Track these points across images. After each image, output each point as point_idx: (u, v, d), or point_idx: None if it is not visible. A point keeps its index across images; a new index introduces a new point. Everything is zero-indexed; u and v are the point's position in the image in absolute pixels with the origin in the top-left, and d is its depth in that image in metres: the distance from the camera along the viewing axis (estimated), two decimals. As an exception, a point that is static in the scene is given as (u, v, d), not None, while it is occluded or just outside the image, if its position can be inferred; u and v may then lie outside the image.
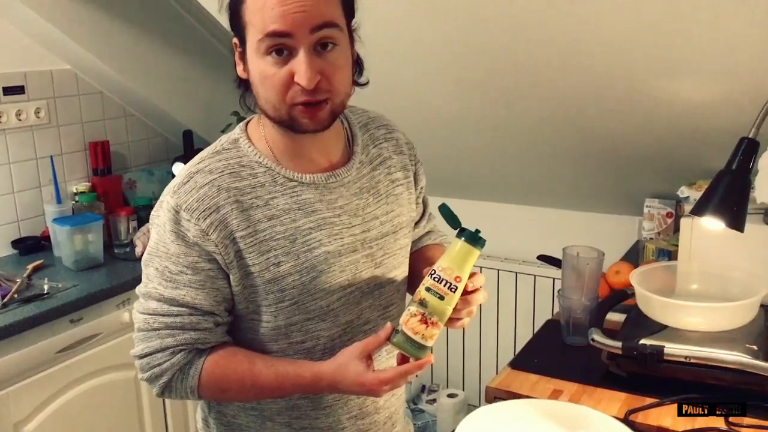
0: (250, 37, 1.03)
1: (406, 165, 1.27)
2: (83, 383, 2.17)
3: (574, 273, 1.60)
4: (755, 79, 1.60)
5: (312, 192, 1.13)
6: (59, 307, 2.06)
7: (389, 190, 1.22)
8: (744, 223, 1.28)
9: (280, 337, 1.15)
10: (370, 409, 1.25)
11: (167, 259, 1.09)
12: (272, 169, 1.12)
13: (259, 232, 1.09)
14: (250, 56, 1.05)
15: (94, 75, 2.68)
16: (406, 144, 1.29)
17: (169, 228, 1.08)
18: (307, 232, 1.11)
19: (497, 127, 2.31)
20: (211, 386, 1.12)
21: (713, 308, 1.40)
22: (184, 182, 1.09)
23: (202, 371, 1.11)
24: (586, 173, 2.42)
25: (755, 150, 1.28)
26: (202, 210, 1.06)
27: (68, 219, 2.43)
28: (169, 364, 1.10)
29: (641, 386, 1.38)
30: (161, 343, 1.10)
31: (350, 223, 1.15)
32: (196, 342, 1.11)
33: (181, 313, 1.09)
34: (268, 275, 1.09)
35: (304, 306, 1.12)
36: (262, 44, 1.01)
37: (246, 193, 1.09)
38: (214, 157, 1.12)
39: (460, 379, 3.05)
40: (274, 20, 0.99)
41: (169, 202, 1.09)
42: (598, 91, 1.95)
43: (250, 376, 1.11)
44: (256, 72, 1.04)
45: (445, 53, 2.00)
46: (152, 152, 3.03)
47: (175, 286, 1.09)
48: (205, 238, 1.06)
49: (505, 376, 1.48)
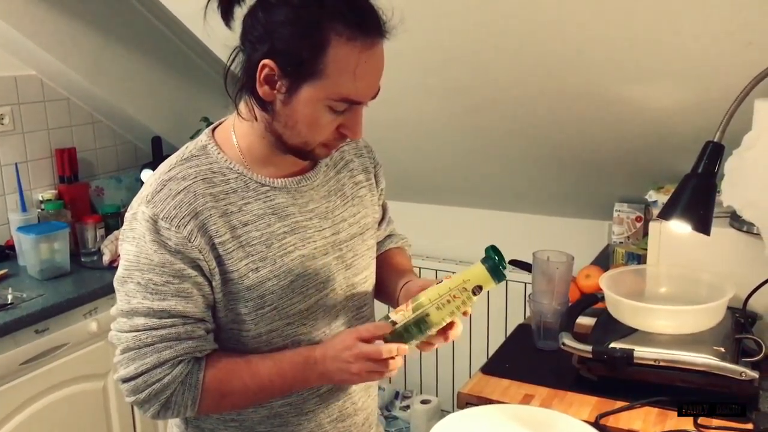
0: (316, 86, 1.00)
1: (367, 167, 1.29)
2: (49, 395, 2.12)
3: (545, 277, 1.60)
4: (721, 85, 1.62)
5: (284, 196, 1.13)
6: (23, 317, 2.02)
7: (354, 192, 1.24)
8: (710, 227, 1.30)
9: (262, 345, 1.14)
10: (349, 411, 1.25)
11: (150, 271, 1.05)
12: (244, 174, 1.11)
13: (236, 238, 1.08)
14: (304, 98, 1.02)
15: (59, 81, 2.63)
16: (365, 147, 1.32)
17: (150, 238, 1.04)
18: (282, 236, 1.11)
19: (467, 133, 2.32)
20: (213, 393, 1.09)
21: (681, 311, 1.41)
22: (158, 190, 1.07)
23: (204, 379, 1.08)
24: (555, 178, 2.43)
25: (720, 154, 1.29)
26: (181, 217, 1.05)
27: (33, 227, 2.38)
28: (170, 378, 1.05)
29: (612, 390, 1.38)
30: (159, 357, 1.05)
31: (321, 226, 1.16)
32: (195, 351, 1.08)
33: (175, 323, 1.06)
34: (248, 281, 1.09)
35: (283, 311, 1.12)
36: (332, 102, 1.02)
37: (220, 199, 1.08)
38: (184, 164, 1.10)
39: (434, 385, 3.05)
40: (358, 93, 1.02)
41: (145, 212, 1.05)
42: (568, 97, 1.96)
43: (249, 373, 1.09)
44: (306, 115, 1.03)
45: (416, 62, 2.01)
46: (120, 159, 2.98)
47: (162, 298, 1.05)
48: (188, 245, 1.04)
49: (476, 381, 1.48)
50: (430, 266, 2.90)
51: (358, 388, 1.26)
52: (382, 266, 1.33)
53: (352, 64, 0.99)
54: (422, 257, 2.90)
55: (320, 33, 0.97)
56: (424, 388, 3.08)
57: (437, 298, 1.07)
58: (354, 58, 0.99)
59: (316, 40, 0.98)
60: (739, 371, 1.28)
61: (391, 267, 1.35)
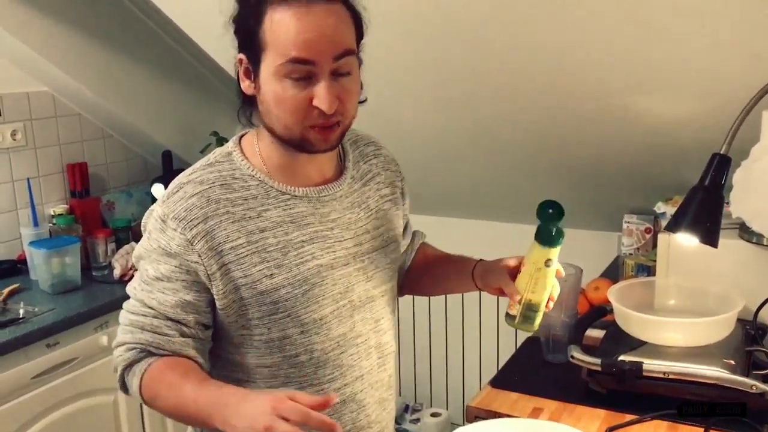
0: (267, 59, 1.04)
1: (394, 181, 1.31)
2: (60, 409, 2.13)
3: (553, 290, 1.59)
4: (728, 97, 1.62)
5: (305, 205, 1.15)
6: (35, 331, 2.03)
7: (379, 206, 1.25)
8: (717, 239, 1.29)
9: (275, 350, 1.15)
10: (363, 423, 1.25)
11: (149, 264, 1.12)
12: (265, 182, 1.13)
13: (252, 244, 1.10)
14: (265, 76, 1.06)
15: (71, 96, 2.66)
16: (393, 161, 1.33)
17: (155, 236, 1.10)
18: (300, 245, 1.13)
19: (476, 146, 2.32)
20: (147, 390, 1.10)
21: (690, 324, 1.40)
22: (174, 192, 1.11)
23: (145, 372, 1.10)
24: (565, 190, 2.43)
25: (727, 166, 1.29)
26: (189, 219, 1.08)
27: (45, 242, 2.40)
28: (121, 358, 1.12)
29: (621, 403, 1.38)
30: (122, 338, 1.13)
31: (342, 236, 1.17)
32: (149, 344, 1.11)
33: (146, 314, 1.11)
34: (261, 287, 1.10)
35: (297, 319, 1.13)
36: (283, 68, 1.03)
37: (238, 205, 1.11)
38: (207, 169, 1.14)
39: (444, 398, 3.04)
40: (298, 48, 1.02)
41: (158, 210, 1.11)
42: (575, 110, 1.96)
43: (177, 388, 1.05)
44: (272, 93, 1.05)
45: (426, 76, 2.02)
46: (131, 173, 3.00)
47: (149, 290, 1.11)
48: (190, 248, 1.07)
49: (485, 394, 1.48)
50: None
51: (372, 401, 1.26)
52: (428, 262, 1.41)
53: (287, 24, 1.01)
54: (431, 270, 2.90)
55: (258, 6, 1.03)
56: (434, 400, 3.07)
57: (527, 286, 1.19)
58: (287, 17, 1.01)
59: (255, 14, 1.03)
60: (749, 384, 1.27)
61: (438, 259, 1.42)
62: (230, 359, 1.19)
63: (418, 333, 3.04)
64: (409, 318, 3.03)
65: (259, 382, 1.18)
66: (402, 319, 3.04)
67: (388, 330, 1.29)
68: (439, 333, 2.99)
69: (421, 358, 3.06)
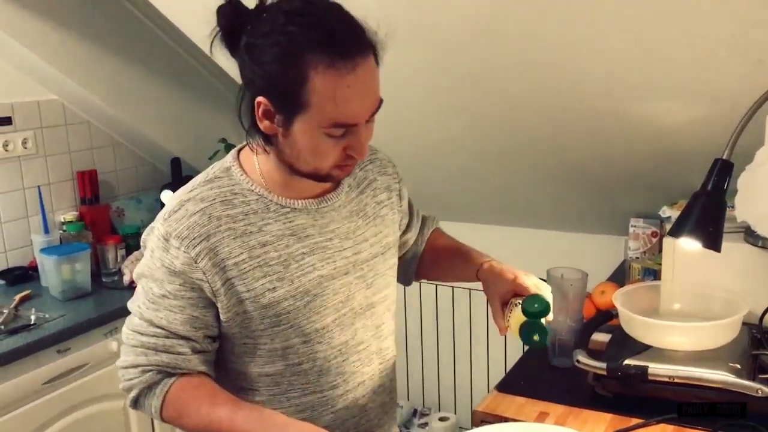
0: (307, 116, 1.02)
1: (390, 185, 1.31)
2: (71, 414, 2.15)
3: (559, 294, 1.60)
4: (732, 102, 1.62)
5: (305, 217, 1.15)
6: (46, 337, 2.06)
7: (376, 212, 1.26)
8: (720, 243, 1.30)
9: (278, 359, 1.17)
10: (365, 427, 1.27)
11: (153, 282, 1.12)
12: (264, 196, 1.14)
13: (254, 258, 1.11)
14: (300, 129, 1.04)
15: (81, 105, 2.69)
16: (389, 163, 1.33)
17: (158, 255, 1.11)
18: (301, 257, 1.13)
19: (482, 150, 2.33)
20: (171, 411, 1.13)
21: (696, 328, 1.41)
22: (175, 210, 1.11)
23: (167, 394, 1.12)
24: (570, 194, 2.44)
25: (729, 171, 1.29)
26: (192, 238, 1.08)
27: (55, 249, 2.43)
28: (137, 381, 1.13)
29: (627, 407, 1.38)
30: (135, 360, 1.13)
31: (342, 246, 1.18)
32: (166, 365, 1.12)
33: (157, 334, 1.11)
34: (264, 300, 1.11)
35: (300, 329, 1.14)
36: (325, 128, 1.02)
37: (239, 220, 1.11)
38: (206, 185, 1.14)
39: (452, 402, 3.04)
40: (345, 116, 1.02)
41: (160, 229, 1.11)
42: (581, 114, 1.97)
43: (206, 409, 1.10)
44: (307, 144, 1.05)
45: (432, 81, 2.03)
46: (140, 180, 3.03)
47: (156, 308, 1.11)
48: (193, 266, 1.08)
49: (491, 399, 1.48)
50: (447, 283, 2.90)
51: (374, 405, 1.28)
52: (438, 252, 1.42)
53: (335, 91, 0.99)
54: (439, 274, 2.91)
55: (299, 66, 0.98)
56: (443, 405, 3.07)
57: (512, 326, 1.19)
58: (334, 84, 0.99)
59: (296, 74, 0.99)
60: (755, 388, 1.27)
61: (447, 250, 1.42)
62: (233, 368, 1.20)
63: (426, 338, 3.04)
64: (416, 323, 3.04)
65: (262, 390, 1.20)
66: (409, 324, 3.04)
67: (389, 335, 1.30)
68: (446, 337, 3.00)
69: (428, 362, 3.06)
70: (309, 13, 1.00)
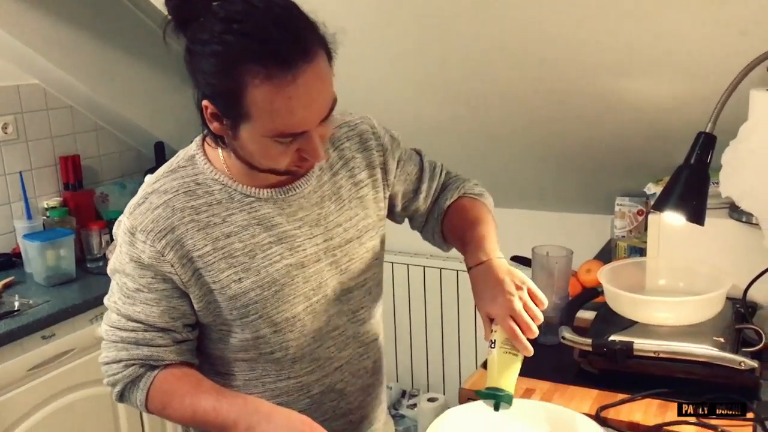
0: (250, 126, 0.98)
1: (372, 161, 1.23)
2: (57, 400, 2.14)
3: (544, 272, 1.60)
4: (717, 77, 1.62)
5: (270, 207, 1.12)
6: (30, 323, 2.04)
7: (352, 194, 1.21)
8: (704, 217, 1.30)
9: (250, 348, 1.16)
10: (344, 410, 1.26)
11: (126, 276, 1.11)
12: (229, 186, 1.11)
13: (218, 250, 1.09)
14: (244, 135, 1.00)
15: (62, 89, 2.65)
16: (371, 135, 1.24)
17: (125, 249, 1.10)
18: (267, 246, 1.11)
19: (466, 131, 2.32)
20: (156, 402, 1.13)
21: (680, 302, 1.41)
22: (140, 203, 1.10)
23: (151, 386, 1.12)
24: (556, 174, 2.44)
25: (712, 144, 1.29)
26: (157, 231, 1.07)
27: (39, 235, 2.40)
28: (121, 375, 1.13)
29: (613, 383, 1.38)
30: (116, 355, 1.13)
31: (312, 233, 1.15)
32: (149, 358, 1.12)
33: (136, 329, 1.11)
34: (230, 292, 1.10)
35: (269, 319, 1.13)
36: (270, 138, 0.98)
37: (202, 212, 1.09)
38: (169, 176, 1.12)
39: (440, 383, 3.05)
40: (290, 126, 0.97)
41: (126, 223, 1.10)
42: (565, 93, 1.97)
43: (190, 398, 1.10)
44: (256, 149, 1.02)
45: (414, 63, 2.02)
46: (124, 165, 3.00)
47: (132, 303, 1.11)
48: (161, 259, 1.07)
49: (478, 377, 1.48)
50: (435, 264, 2.91)
51: (354, 389, 1.27)
52: (449, 229, 1.29)
53: (275, 103, 0.94)
54: (426, 256, 2.91)
55: (236, 78, 0.94)
56: (431, 386, 3.09)
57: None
58: (273, 96, 0.94)
59: (233, 86, 0.94)
60: (738, 361, 1.27)
61: (456, 231, 1.27)
62: (209, 353, 1.20)
63: (414, 319, 3.05)
64: (404, 305, 3.04)
65: (238, 375, 1.20)
66: (397, 307, 3.05)
67: (369, 319, 1.27)
68: (435, 319, 3.01)
69: (417, 344, 3.07)
70: (246, 19, 0.93)
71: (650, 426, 1.25)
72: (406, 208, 1.33)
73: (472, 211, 1.28)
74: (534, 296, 1.09)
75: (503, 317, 1.07)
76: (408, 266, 2.97)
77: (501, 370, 1.09)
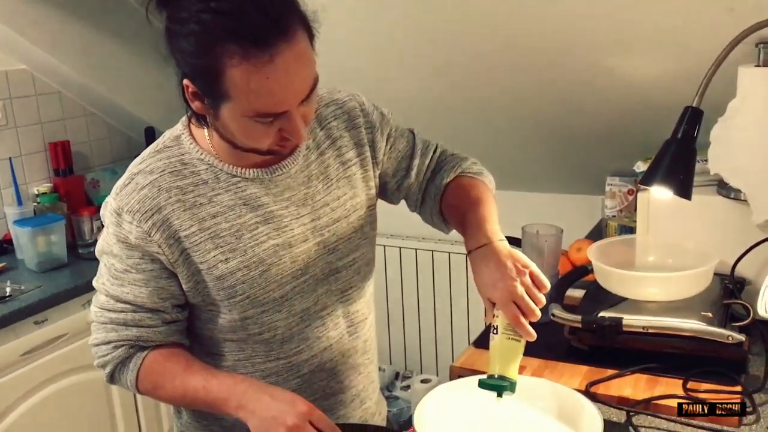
0: (229, 106, 0.97)
1: (360, 139, 1.22)
2: (51, 385, 2.15)
3: (534, 251, 1.61)
4: (705, 53, 1.62)
5: (257, 187, 1.12)
6: (22, 309, 2.05)
7: (340, 174, 1.20)
8: (691, 191, 1.30)
9: (238, 329, 1.16)
10: (335, 389, 1.26)
11: (113, 257, 1.11)
12: (214, 166, 1.11)
13: (204, 230, 1.09)
14: (225, 114, 0.99)
15: (50, 74, 2.64)
16: (359, 113, 1.22)
17: (112, 230, 1.09)
18: (254, 226, 1.11)
19: (454, 111, 2.32)
20: (146, 383, 1.14)
21: (668, 278, 1.42)
22: (126, 184, 1.10)
23: (141, 366, 1.12)
24: (547, 155, 2.44)
25: (699, 119, 1.30)
26: (143, 212, 1.07)
27: (29, 220, 2.40)
28: (111, 356, 1.13)
29: (602, 359, 1.39)
30: (106, 337, 1.13)
31: (299, 213, 1.15)
32: (138, 339, 1.12)
33: (125, 309, 1.11)
34: (217, 272, 1.10)
35: (256, 299, 1.13)
36: (250, 117, 0.97)
37: (188, 192, 1.09)
38: (155, 156, 1.11)
39: (433, 365, 3.07)
40: (270, 106, 0.96)
41: (112, 204, 1.09)
42: (555, 72, 1.96)
43: (180, 378, 1.11)
44: (236, 128, 1.01)
45: (404, 37, 2.01)
46: (114, 151, 2.99)
47: (120, 284, 1.11)
48: (148, 239, 1.07)
49: (469, 354, 1.49)
50: (427, 247, 2.92)
51: (344, 368, 1.27)
52: (446, 210, 1.26)
53: (253, 84, 0.93)
54: (418, 239, 2.92)
55: (213, 58, 0.93)
56: (425, 367, 3.10)
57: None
58: (251, 77, 0.92)
59: (211, 66, 0.93)
60: (726, 335, 1.28)
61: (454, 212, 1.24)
62: (200, 334, 1.20)
63: (407, 301, 3.06)
64: (397, 288, 3.05)
65: (227, 355, 1.20)
66: (390, 289, 3.06)
67: (359, 298, 1.26)
68: (427, 301, 3.02)
69: (409, 326, 3.08)
70: None
71: (639, 400, 1.26)
72: (400, 187, 1.31)
73: (472, 190, 1.24)
74: (537, 279, 1.06)
75: (506, 303, 1.03)
76: (400, 249, 2.98)
77: (504, 357, 1.06)
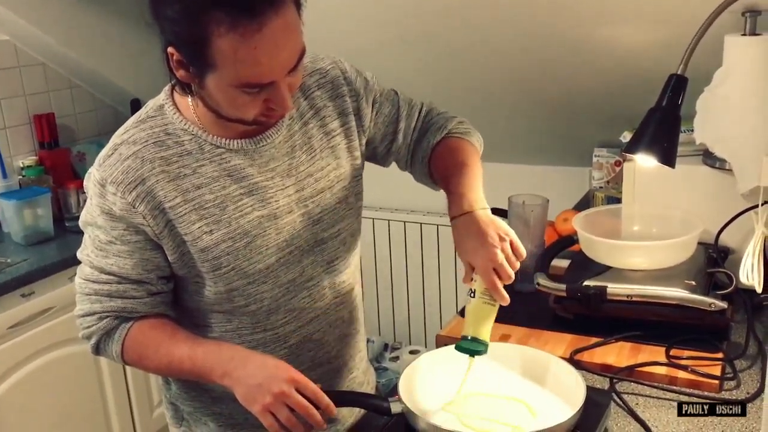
0: (216, 75, 0.97)
1: (345, 109, 1.21)
2: (39, 358, 2.15)
3: (521, 221, 1.61)
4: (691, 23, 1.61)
5: (241, 158, 1.11)
6: (9, 282, 2.04)
7: (323, 144, 1.20)
8: (674, 159, 1.31)
9: (224, 301, 1.16)
10: (322, 359, 1.27)
11: (98, 229, 1.10)
12: (198, 136, 1.10)
13: (188, 202, 1.08)
14: (211, 84, 0.98)
15: (34, 45, 2.60)
16: (343, 81, 1.22)
17: (96, 202, 1.09)
18: (239, 198, 1.11)
19: (440, 82, 2.31)
20: (132, 353, 1.14)
21: (652, 246, 1.43)
22: (109, 155, 1.09)
23: (126, 337, 1.13)
24: (534, 126, 2.44)
25: (683, 86, 1.29)
26: (127, 183, 1.06)
27: (15, 193, 2.39)
28: (96, 327, 1.13)
29: (587, 327, 1.40)
30: (90, 308, 1.13)
31: (284, 184, 1.14)
32: (122, 310, 1.12)
33: (110, 281, 1.11)
34: (201, 244, 1.10)
35: (242, 271, 1.12)
36: (237, 87, 0.97)
37: (172, 162, 1.08)
38: (139, 126, 1.10)
39: (422, 336, 3.09)
40: (257, 76, 0.96)
41: (95, 175, 1.09)
42: (540, 42, 1.95)
43: (165, 348, 1.11)
44: (222, 97, 1.00)
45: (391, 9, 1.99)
46: (100, 123, 2.96)
47: (105, 255, 1.10)
48: (132, 210, 1.06)
49: (455, 324, 1.50)
50: (415, 220, 2.92)
51: (331, 338, 1.27)
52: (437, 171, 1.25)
53: (240, 53, 0.92)
54: (407, 211, 2.92)
55: (201, 26, 0.92)
56: (413, 339, 3.12)
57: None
58: (239, 46, 0.92)
59: (199, 34, 0.92)
60: (708, 302, 1.30)
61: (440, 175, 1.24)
62: (187, 306, 1.20)
63: (395, 273, 3.07)
64: (386, 260, 3.05)
65: (214, 327, 1.20)
66: (379, 262, 3.06)
67: (345, 269, 1.26)
68: (416, 274, 3.03)
69: (398, 297, 3.10)
70: None
71: (622, 367, 1.28)
72: (389, 151, 1.31)
73: (458, 154, 1.24)
74: (515, 248, 1.10)
75: (486, 269, 1.08)
76: (389, 222, 2.98)
77: (479, 320, 1.13)
